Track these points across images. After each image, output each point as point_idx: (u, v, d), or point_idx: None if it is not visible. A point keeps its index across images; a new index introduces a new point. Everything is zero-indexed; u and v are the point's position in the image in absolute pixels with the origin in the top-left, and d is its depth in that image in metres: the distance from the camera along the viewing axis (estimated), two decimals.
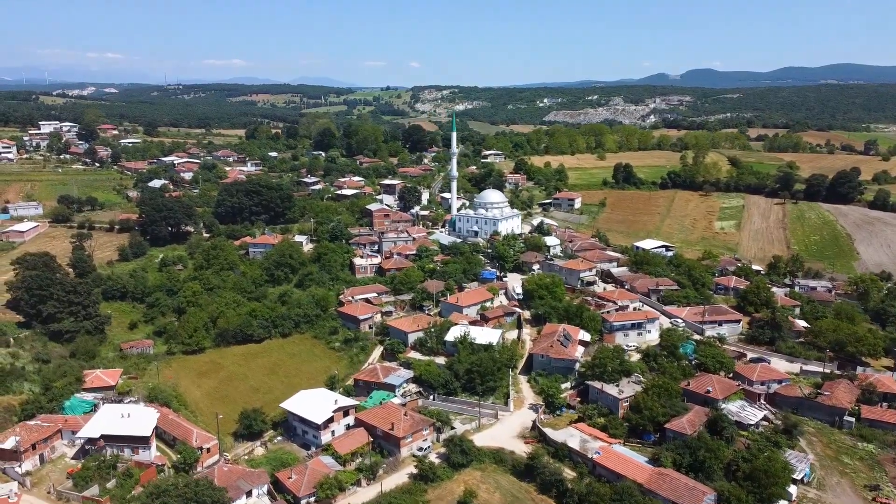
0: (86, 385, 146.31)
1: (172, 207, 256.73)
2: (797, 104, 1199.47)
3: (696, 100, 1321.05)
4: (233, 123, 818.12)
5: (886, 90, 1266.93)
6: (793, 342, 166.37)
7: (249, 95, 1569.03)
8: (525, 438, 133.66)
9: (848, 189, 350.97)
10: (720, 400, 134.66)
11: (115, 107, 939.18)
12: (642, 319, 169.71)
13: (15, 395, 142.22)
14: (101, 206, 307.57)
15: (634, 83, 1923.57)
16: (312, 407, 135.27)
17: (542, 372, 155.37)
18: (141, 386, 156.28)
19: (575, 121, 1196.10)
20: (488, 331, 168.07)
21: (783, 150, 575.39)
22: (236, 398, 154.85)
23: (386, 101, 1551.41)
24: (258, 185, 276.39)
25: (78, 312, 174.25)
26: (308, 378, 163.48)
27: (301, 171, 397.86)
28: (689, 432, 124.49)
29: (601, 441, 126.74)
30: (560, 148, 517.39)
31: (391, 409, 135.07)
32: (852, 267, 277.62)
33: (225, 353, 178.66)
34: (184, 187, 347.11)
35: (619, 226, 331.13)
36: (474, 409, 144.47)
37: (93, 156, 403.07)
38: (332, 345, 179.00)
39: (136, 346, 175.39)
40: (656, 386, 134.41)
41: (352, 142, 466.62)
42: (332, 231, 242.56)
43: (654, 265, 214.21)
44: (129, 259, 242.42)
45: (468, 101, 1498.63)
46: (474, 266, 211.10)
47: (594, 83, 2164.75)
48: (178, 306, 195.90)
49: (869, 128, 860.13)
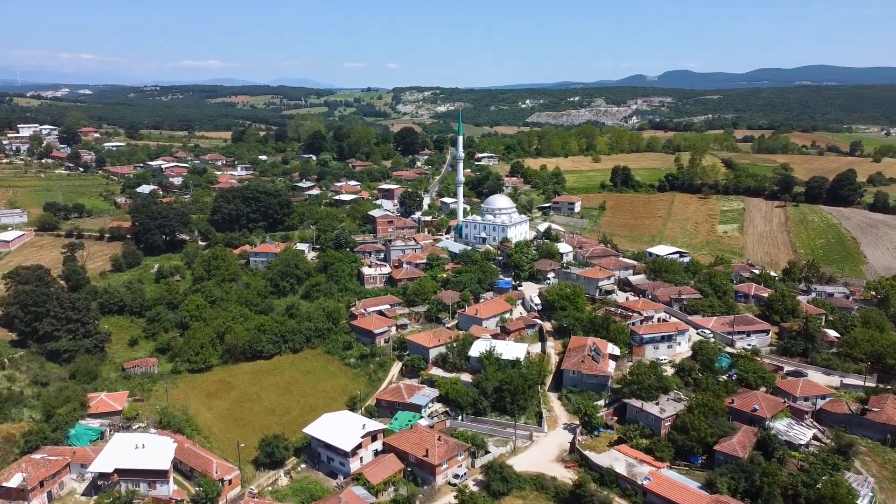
0: (90, 410, 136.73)
1: (167, 215, 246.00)
2: (777, 105, 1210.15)
3: (676, 101, 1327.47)
4: (215, 126, 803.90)
5: (864, 91, 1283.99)
6: (827, 353, 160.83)
7: (228, 97, 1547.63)
8: (565, 462, 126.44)
9: (848, 191, 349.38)
10: (768, 419, 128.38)
11: (92, 109, 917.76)
12: (672, 331, 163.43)
13: (14, 422, 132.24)
14: (88, 214, 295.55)
15: (613, 84, 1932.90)
16: (339, 432, 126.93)
17: (574, 388, 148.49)
18: (148, 409, 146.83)
19: (558, 122, 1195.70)
20: (514, 345, 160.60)
21: (772, 151, 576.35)
22: (251, 421, 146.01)
23: (367, 103, 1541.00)
24: (256, 191, 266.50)
25: (77, 330, 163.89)
26: (325, 397, 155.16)
27: (293, 174, 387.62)
28: (742, 454, 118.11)
29: (648, 465, 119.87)
30: (552, 150, 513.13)
31: (423, 433, 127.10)
32: (861, 271, 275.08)
33: (234, 370, 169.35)
34: (174, 193, 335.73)
35: (621, 230, 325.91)
36: (507, 431, 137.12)
37: (76, 160, 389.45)
38: (348, 361, 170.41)
39: (139, 365, 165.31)
40: (702, 404, 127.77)
41: (343, 145, 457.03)
42: (336, 239, 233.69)
43: (673, 273, 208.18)
44: (122, 270, 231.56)
45: (450, 102, 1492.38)
46: (489, 275, 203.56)
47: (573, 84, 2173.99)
48: (181, 321, 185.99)
49: (851, 129, 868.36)
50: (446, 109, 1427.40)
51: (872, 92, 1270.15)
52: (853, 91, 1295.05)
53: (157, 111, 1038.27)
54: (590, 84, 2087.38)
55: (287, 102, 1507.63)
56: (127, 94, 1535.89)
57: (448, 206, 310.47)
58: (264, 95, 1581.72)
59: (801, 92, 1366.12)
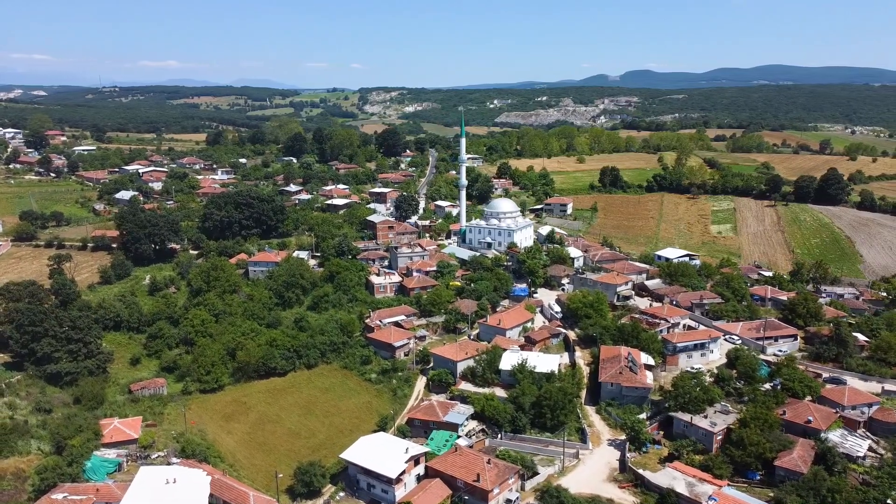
0: (104, 439, 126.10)
1: (156, 223, 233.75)
2: (741, 105, 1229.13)
3: (643, 100, 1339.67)
4: (183, 127, 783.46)
5: (822, 91, 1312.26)
6: (860, 358, 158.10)
7: (191, 98, 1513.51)
8: (619, 482, 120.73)
9: (836, 190, 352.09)
10: (823, 430, 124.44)
11: (51, 111, 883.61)
12: (705, 339, 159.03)
13: (21, 456, 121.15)
14: (67, 222, 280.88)
15: (576, 84, 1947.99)
16: (380, 457, 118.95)
17: (612, 402, 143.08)
18: (163, 435, 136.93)
19: (527, 122, 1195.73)
20: (546, 357, 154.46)
21: (747, 150, 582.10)
22: (276, 445, 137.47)
23: (333, 103, 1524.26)
24: (248, 197, 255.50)
25: (78, 350, 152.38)
26: (350, 417, 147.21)
27: (276, 178, 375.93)
28: (804, 470, 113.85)
29: (708, 483, 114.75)
30: (534, 150, 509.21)
31: (470, 456, 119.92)
32: (859, 270, 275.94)
33: (247, 389, 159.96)
34: (154, 199, 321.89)
35: (616, 231, 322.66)
36: (549, 449, 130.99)
37: (47, 165, 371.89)
38: (368, 376, 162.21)
39: (147, 386, 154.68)
40: (757, 417, 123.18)
41: (325, 147, 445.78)
42: (339, 246, 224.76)
43: (688, 276, 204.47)
44: (111, 282, 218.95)
45: (418, 102, 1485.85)
46: (504, 283, 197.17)
47: (537, 84, 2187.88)
48: (186, 337, 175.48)
49: (816, 127, 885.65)
50: (414, 110, 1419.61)
51: (830, 91, 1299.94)
52: (812, 90, 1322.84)
53: (120, 113, 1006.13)
54: (553, 84, 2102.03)
55: (252, 103, 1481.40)
56: (85, 96, 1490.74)
57: (443, 209, 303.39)
58: (227, 96, 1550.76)
59: (764, 91, 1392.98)
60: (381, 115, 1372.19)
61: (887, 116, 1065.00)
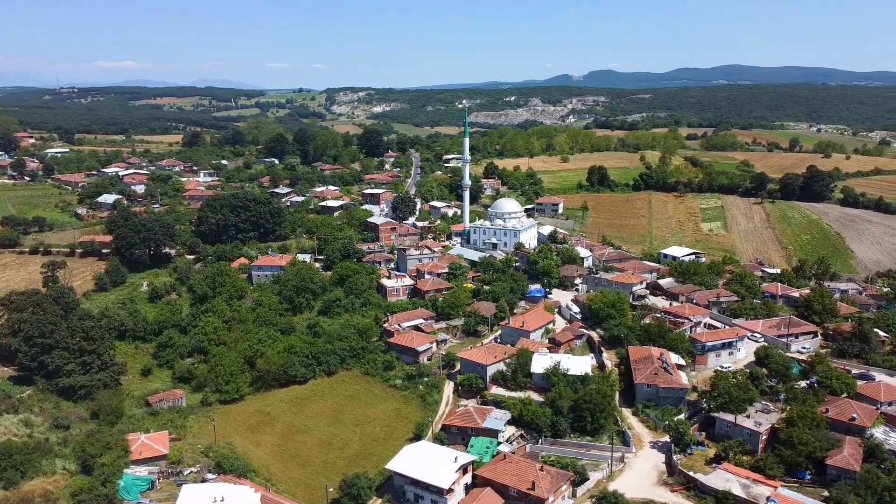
0: (133, 456, 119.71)
1: (152, 227, 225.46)
2: (706, 104, 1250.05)
3: (610, 100, 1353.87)
4: (150, 129, 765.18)
5: (783, 90, 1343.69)
6: (884, 354, 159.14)
7: (153, 98, 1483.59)
8: (670, 486, 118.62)
9: (820, 187, 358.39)
10: (869, 427, 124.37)
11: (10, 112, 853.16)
12: (733, 337, 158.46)
13: (47, 476, 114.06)
14: (50, 227, 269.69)
15: (541, 84, 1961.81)
16: (428, 466, 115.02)
17: (649, 403, 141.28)
18: (189, 449, 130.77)
19: (497, 122, 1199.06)
20: (577, 359, 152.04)
21: (722, 148, 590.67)
22: (310, 457, 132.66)
23: (300, 104, 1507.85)
24: (245, 199, 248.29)
25: (92, 362, 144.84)
26: (382, 426, 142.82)
27: (261, 179, 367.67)
28: (857, 468, 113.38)
29: (763, 484, 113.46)
30: (516, 150, 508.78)
31: (521, 463, 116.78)
32: (852, 266, 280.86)
33: (268, 399, 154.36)
34: (138, 202, 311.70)
35: (609, 230, 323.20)
36: (591, 453, 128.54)
37: (20, 168, 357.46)
38: (392, 382, 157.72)
39: (165, 398, 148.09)
40: (804, 416, 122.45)
41: (308, 148, 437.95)
42: (343, 249, 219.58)
43: (700, 275, 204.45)
44: (107, 289, 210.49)
45: (386, 102, 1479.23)
46: (520, 284, 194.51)
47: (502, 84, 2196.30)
48: (198, 345, 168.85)
49: (783, 126, 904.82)
50: (383, 110, 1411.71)
51: (792, 91, 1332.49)
52: (775, 90, 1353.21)
53: (82, 114, 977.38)
54: (517, 84, 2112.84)
55: (216, 104, 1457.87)
56: (42, 97, 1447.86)
57: (439, 210, 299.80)
58: (191, 97, 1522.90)
59: (728, 90, 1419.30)
60: (349, 115, 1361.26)
61: (847, 115, 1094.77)
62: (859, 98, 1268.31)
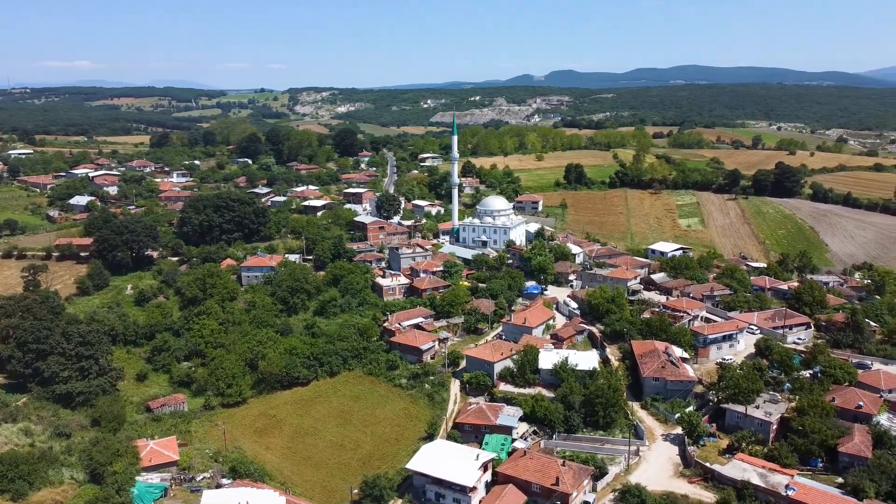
0: (143, 463, 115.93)
1: (134, 229, 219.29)
2: (667, 103, 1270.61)
3: (574, 100, 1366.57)
4: (111, 129, 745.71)
5: (744, 90, 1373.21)
6: (877, 343, 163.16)
7: (110, 99, 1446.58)
8: (687, 477, 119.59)
9: (791, 184, 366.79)
10: (875, 415, 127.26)
11: None
12: (734, 330, 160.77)
13: (54, 486, 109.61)
14: (22, 231, 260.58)
15: (503, 84, 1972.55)
16: (449, 465, 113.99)
17: (657, 396, 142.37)
18: (197, 454, 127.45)
19: (462, 121, 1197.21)
20: (583, 354, 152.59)
21: (689, 146, 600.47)
22: (323, 459, 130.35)
23: (262, 104, 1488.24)
24: (229, 200, 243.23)
25: (89, 368, 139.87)
26: (392, 425, 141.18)
27: (235, 180, 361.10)
28: (868, 454, 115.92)
29: (779, 473, 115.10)
30: (489, 149, 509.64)
31: (542, 459, 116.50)
32: (827, 259, 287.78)
33: (272, 401, 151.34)
34: (112, 203, 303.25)
35: (589, 227, 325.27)
36: (605, 448, 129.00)
37: None
38: (397, 382, 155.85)
39: (167, 403, 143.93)
40: (815, 405, 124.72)
41: (282, 148, 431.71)
42: (335, 249, 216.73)
43: (692, 269, 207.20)
44: (90, 292, 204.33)
45: (350, 103, 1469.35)
46: (517, 281, 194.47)
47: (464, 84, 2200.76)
48: (195, 349, 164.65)
49: (744, 125, 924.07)
50: (347, 110, 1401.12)
51: (750, 90, 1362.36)
52: (733, 89, 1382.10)
53: (37, 115, 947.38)
54: (480, 84, 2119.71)
55: (176, 104, 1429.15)
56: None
57: (422, 208, 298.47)
58: (150, 97, 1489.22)
59: (688, 90, 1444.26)
60: (313, 115, 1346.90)
61: (802, 114, 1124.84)
62: (813, 97, 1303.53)
